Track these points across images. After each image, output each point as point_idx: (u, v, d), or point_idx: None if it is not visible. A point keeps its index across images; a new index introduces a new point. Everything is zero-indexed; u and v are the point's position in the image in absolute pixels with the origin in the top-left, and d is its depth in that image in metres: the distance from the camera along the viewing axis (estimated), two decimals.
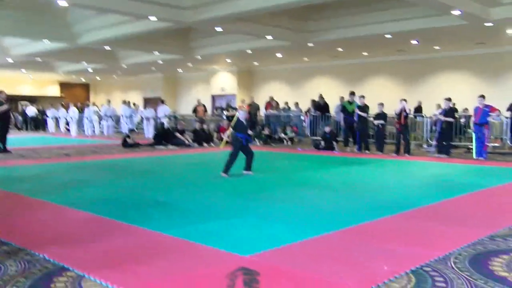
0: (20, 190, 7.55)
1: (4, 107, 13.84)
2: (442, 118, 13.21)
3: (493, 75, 18.72)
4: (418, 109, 18.24)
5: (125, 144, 16.29)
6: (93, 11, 14.98)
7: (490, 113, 12.65)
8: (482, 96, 12.71)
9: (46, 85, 36.24)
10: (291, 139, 18.06)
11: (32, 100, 33.71)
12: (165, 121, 20.38)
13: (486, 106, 12.59)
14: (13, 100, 30.35)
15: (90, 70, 28.17)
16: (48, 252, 4.21)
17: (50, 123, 27.43)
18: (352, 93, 15.51)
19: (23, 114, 30.06)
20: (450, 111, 13.40)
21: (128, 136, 16.68)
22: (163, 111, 21.22)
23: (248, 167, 9.46)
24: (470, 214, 5.86)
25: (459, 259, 4.04)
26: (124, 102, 24.60)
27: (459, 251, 4.27)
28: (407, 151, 13.45)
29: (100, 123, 24.06)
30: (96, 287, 3.46)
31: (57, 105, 27.94)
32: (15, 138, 20.41)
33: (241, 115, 9.54)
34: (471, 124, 13.37)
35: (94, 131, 23.94)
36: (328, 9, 15.48)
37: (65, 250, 4.29)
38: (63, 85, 36.92)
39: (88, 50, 21.61)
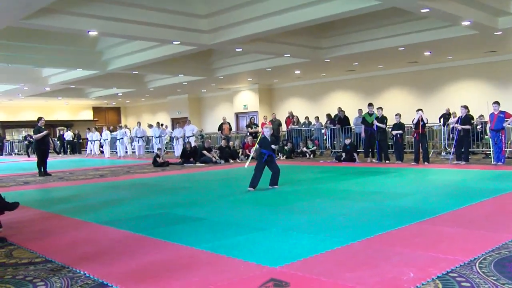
0: (60, 210, 7.68)
1: (44, 133, 14.23)
2: (459, 127, 13.03)
3: (505, 82, 18.41)
4: (447, 116, 17.68)
5: (155, 163, 16.45)
6: (121, 39, 15.24)
7: (506, 119, 12.51)
8: (497, 103, 12.63)
9: (80, 110, 36.91)
10: (313, 152, 18.00)
11: (67, 125, 34.37)
12: (192, 140, 20.51)
13: (501, 112, 12.50)
14: (51, 125, 31.03)
15: (119, 94, 28.57)
16: (88, 269, 4.26)
17: (90, 146, 27.91)
18: (371, 105, 15.42)
19: (61, 138, 30.61)
20: (467, 119, 13.24)
21: (158, 156, 16.84)
22: (190, 130, 21.38)
23: (273, 182, 9.42)
24: (492, 219, 5.74)
25: (484, 264, 3.95)
26: (150, 125, 24.92)
27: (484, 255, 4.18)
28: (426, 159, 13.27)
29: (131, 144, 24.33)
30: None
31: (91, 128, 28.42)
32: (54, 161, 20.81)
33: (266, 132, 9.54)
34: (488, 130, 13.20)
35: (126, 152, 24.23)
36: (342, 26, 15.46)
37: (104, 267, 4.32)
38: (96, 109, 37.55)
39: (117, 76, 21.98)
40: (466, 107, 13.35)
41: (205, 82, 23.74)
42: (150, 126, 24.66)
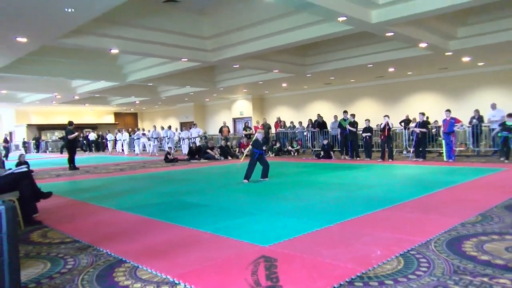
0: (85, 198, 7.61)
1: (74, 134, 14.14)
2: (417, 130, 13.07)
3: (455, 93, 18.51)
4: (407, 121, 17.68)
5: (166, 159, 16.37)
6: (138, 55, 15.16)
7: (455, 124, 12.57)
8: (449, 110, 12.71)
9: (103, 115, 36.68)
10: (297, 151, 17.97)
11: (92, 127, 34.10)
12: (197, 140, 20.43)
13: (452, 118, 12.53)
14: (79, 128, 30.80)
15: (137, 102, 28.44)
16: (109, 247, 4.22)
17: (110, 145, 27.73)
18: (345, 112, 15.44)
19: (86, 138, 30.38)
20: (424, 123, 13.27)
21: (169, 153, 16.76)
22: (196, 132, 21.27)
23: (263, 175, 9.43)
24: (445, 206, 5.74)
25: (438, 243, 3.95)
26: (163, 127, 24.87)
27: (438, 236, 4.18)
28: (391, 157, 13.27)
29: (144, 144, 24.19)
30: (148, 275, 3.44)
31: (113, 131, 28.23)
32: (81, 158, 20.66)
33: (258, 135, 9.60)
34: (441, 133, 13.22)
35: (143, 150, 24.13)
36: (321, 46, 15.47)
37: (122, 246, 4.28)
38: (117, 114, 37.32)
39: (135, 86, 21.87)
40: (423, 114, 13.39)
41: (208, 92, 23.70)
42: (163, 128, 24.55)
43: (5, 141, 26.56)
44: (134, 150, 24.38)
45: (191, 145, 18.31)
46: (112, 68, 17.59)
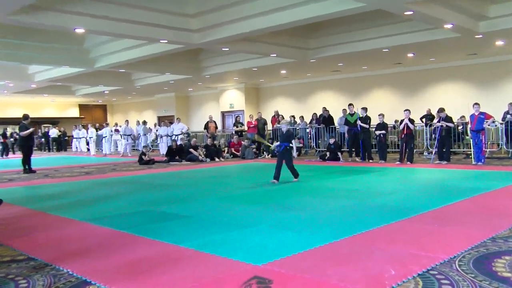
0: (44, 208, 7.57)
1: (28, 131, 13.96)
2: (444, 124, 13.02)
3: (486, 84, 18.60)
4: (429, 117, 17.70)
5: (141, 161, 16.34)
6: (108, 36, 15.10)
7: (485, 120, 12.62)
8: (477, 104, 12.70)
9: (66, 107, 36.50)
10: (298, 151, 17.98)
11: (54, 122, 33.94)
12: (179, 138, 20.41)
13: (481, 113, 12.55)
14: (36, 123, 30.63)
15: (106, 92, 28.32)
16: (71, 266, 4.21)
17: (75, 144, 27.61)
18: (351, 105, 15.51)
19: (46, 135, 30.22)
20: (447, 119, 13.31)
21: (144, 154, 16.73)
22: (179, 128, 21.22)
23: (293, 174, 10.02)
24: (472, 217, 5.79)
25: (464, 262, 3.98)
26: (138, 122, 24.81)
27: (463, 253, 4.22)
28: (410, 159, 13.33)
29: (117, 142, 24.11)
30: None
31: (78, 126, 28.13)
32: (39, 158, 20.56)
33: (283, 126, 10.41)
34: (468, 131, 13.27)
35: (114, 149, 24.06)
36: (328, 27, 15.50)
37: (87, 265, 4.28)
38: (82, 107, 37.17)
39: (104, 73, 21.76)
40: (442, 110, 13.37)
41: (192, 80, 23.64)
42: (139, 123, 24.48)
43: None
44: (102, 150, 24.30)
45: (170, 144, 18.27)
46: (77, 51, 17.50)
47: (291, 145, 10.32)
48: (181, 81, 23.39)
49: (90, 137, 24.87)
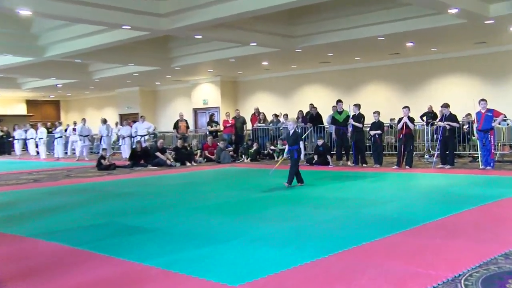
0: None
1: None
2: (446, 124, 13.12)
3: (496, 76, 18.74)
4: (430, 115, 17.83)
5: (100, 166, 16.17)
6: (60, 21, 14.90)
7: (494, 118, 12.59)
8: (484, 100, 12.63)
9: (11, 103, 35.91)
10: (282, 153, 17.95)
11: None
12: (144, 139, 20.24)
13: (489, 110, 12.49)
14: None
15: (59, 85, 27.97)
16: None
17: (17, 146, 27.08)
18: (340, 101, 15.46)
19: None
20: (452, 116, 13.35)
21: (103, 157, 16.56)
22: (145, 128, 21.00)
23: (297, 179, 10.40)
24: (480, 230, 5.84)
25: (471, 281, 4.00)
26: (106, 121, 24.49)
27: (470, 271, 4.23)
28: (409, 163, 13.42)
29: (70, 143, 23.80)
30: None
31: (24, 125, 27.60)
32: None
33: (290, 125, 10.69)
34: (475, 131, 13.32)
35: (72, 153, 23.75)
36: (316, 12, 15.56)
37: (32, 287, 4.19)
38: (31, 103, 36.61)
39: (57, 64, 21.48)
40: (447, 106, 13.45)
41: (160, 73, 23.51)
42: (105, 122, 24.00)
43: None
44: (54, 153, 23.98)
45: (134, 146, 18.10)
46: (22, 37, 17.24)
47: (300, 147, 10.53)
48: (146, 73, 23.23)
49: (40, 139, 24.50)
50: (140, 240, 5.87)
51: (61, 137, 23.48)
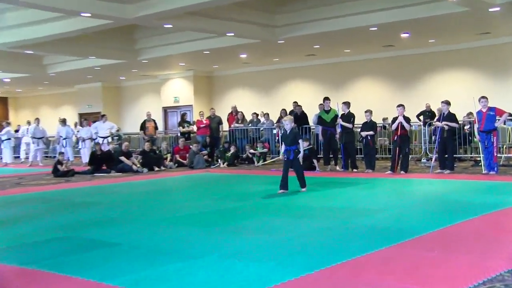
0: None
1: None
2: (443, 124, 13.19)
3: (502, 70, 18.76)
4: (428, 114, 17.91)
5: (56, 172, 16.03)
6: (6, 4, 14.68)
7: (497, 118, 12.67)
8: (485, 98, 12.65)
9: None
10: (263, 158, 17.98)
11: None
12: (106, 141, 20.10)
13: (490, 109, 12.55)
14: None
15: (7, 80, 27.61)
16: None
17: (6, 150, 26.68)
18: (327, 99, 15.42)
19: None
20: (451, 116, 13.38)
21: (60, 162, 16.42)
22: (108, 128, 20.87)
23: (300, 183, 10.67)
24: (483, 242, 5.89)
25: None
26: (65, 121, 24.22)
27: None
28: (404, 167, 13.46)
29: (24, 146, 23.55)
30: None
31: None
32: None
33: (286, 124, 10.84)
34: (476, 132, 13.37)
35: (18, 157, 23.49)
36: None
37: None
38: None
39: (4, 55, 21.25)
40: (448, 103, 13.51)
41: (125, 67, 23.39)
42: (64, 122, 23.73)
43: None
44: (1, 158, 23.69)
45: (95, 150, 17.94)
46: None
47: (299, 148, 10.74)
48: (110, 67, 23.09)
49: None
50: (102, 256, 5.83)
51: (9, 139, 23.20)
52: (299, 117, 18.40)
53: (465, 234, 6.29)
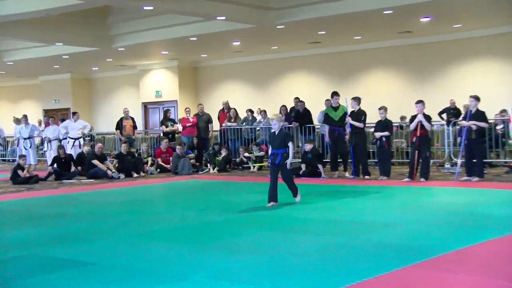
0: None
1: None
2: (470, 124, 13.16)
3: None
4: (453, 112, 17.90)
5: (16, 178, 16.01)
6: None
7: None
8: None
9: None
10: (259, 163, 17.98)
11: None
12: (79, 143, 20.08)
13: None
14: None
15: None
16: None
17: None
18: (336, 94, 15.40)
19: None
20: (479, 114, 13.29)
21: (21, 167, 16.40)
22: (79, 127, 20.84)
23: (292, 192, 10.54)
24: None
25: None
26: (26, 118, 24.21)
27: None
28: (424, 174, 13.41)
29: None
30: None
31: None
32: None
33: (274, 123, 10.87)
34: (510, 132, 13.37)
35: None
36: None
37: None
38: None
39: None
40: (477, 98, 13.49)
41: (98, 55, 23.42)
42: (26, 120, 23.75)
43: None
44: None
45: (59, 152, 17.90)
46: None
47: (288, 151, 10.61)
48: (80, 55, 23.11)
49: None
50: (71, 277, 5.83)
51: None
52: (302, 114, 18.42)
53: (493, 254, 6.29)
